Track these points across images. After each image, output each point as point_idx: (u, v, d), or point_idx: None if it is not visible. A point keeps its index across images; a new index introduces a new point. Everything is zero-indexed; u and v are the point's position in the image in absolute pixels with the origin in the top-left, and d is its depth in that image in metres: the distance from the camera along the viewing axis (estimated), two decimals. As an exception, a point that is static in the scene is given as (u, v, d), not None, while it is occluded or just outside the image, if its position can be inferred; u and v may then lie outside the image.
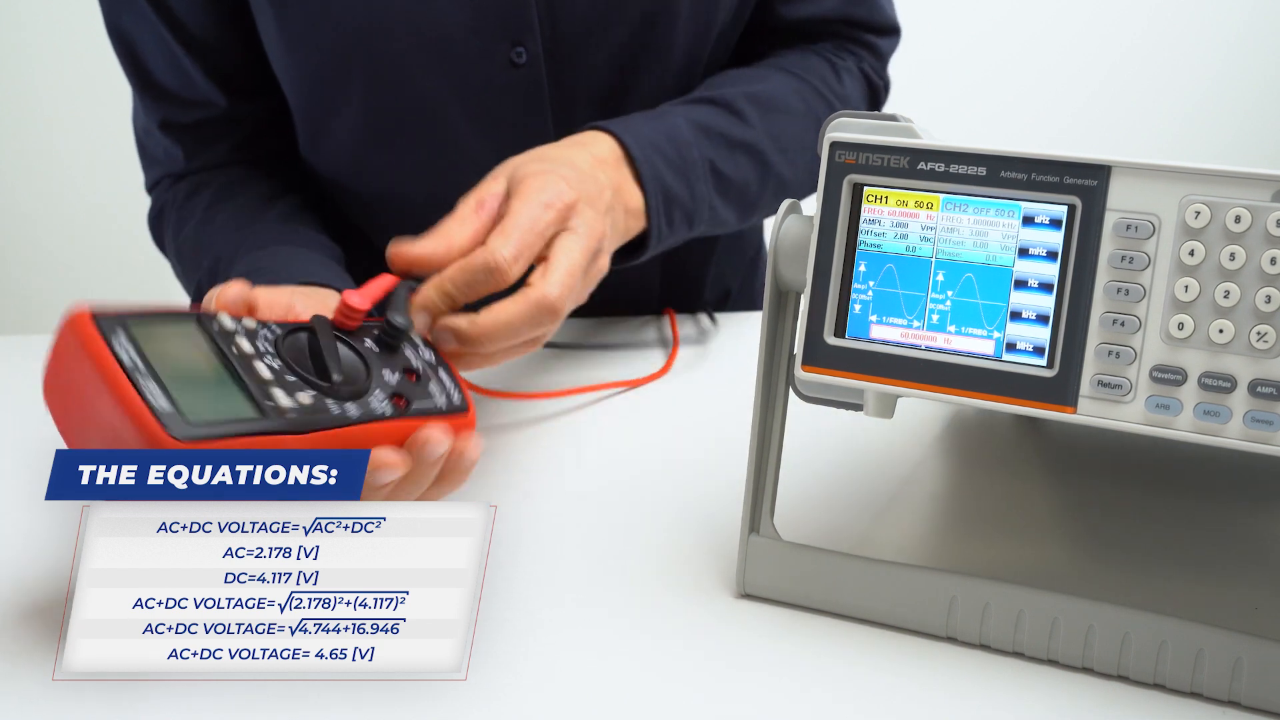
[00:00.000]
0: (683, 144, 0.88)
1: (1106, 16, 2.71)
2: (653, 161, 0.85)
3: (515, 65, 0.93)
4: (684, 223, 0.88)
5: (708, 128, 0.90)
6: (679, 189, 0.87)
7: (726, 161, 0.91)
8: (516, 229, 0.71)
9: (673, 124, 0.88)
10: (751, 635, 0.59)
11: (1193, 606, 0.59)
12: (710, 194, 0.89)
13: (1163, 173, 0.51)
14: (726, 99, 0.93)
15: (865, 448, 0.77)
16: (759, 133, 0.93)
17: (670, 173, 0.86)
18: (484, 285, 0.70)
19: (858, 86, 1.03)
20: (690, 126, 0.89)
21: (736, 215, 0.94)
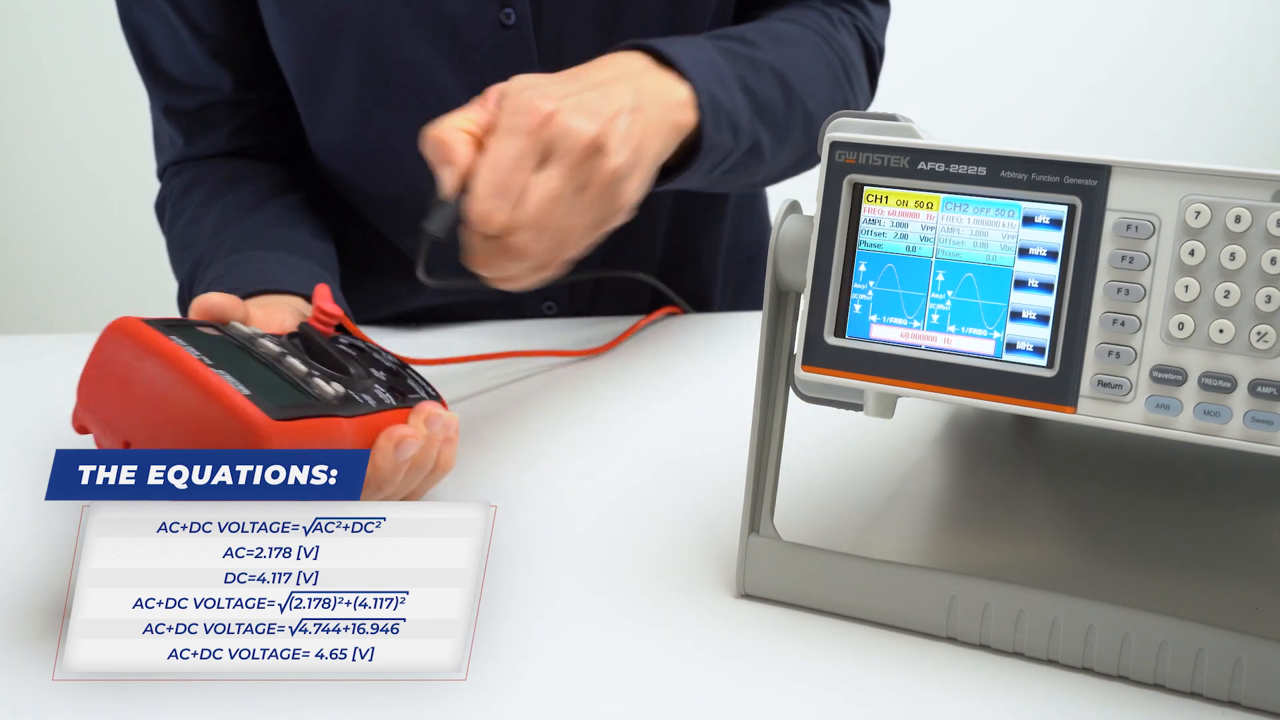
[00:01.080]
0: (709, 53, 0.85)
1: (1107, 17, 2.71)
2: (690, 56, 0.82)
3: (504, 26, 0.93)
4: (729, 129, 0.84)
5: (729, 51, 0.88)
6: (722, 95, 0.83)
7: (755, 80, 0.88)
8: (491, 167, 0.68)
9: (696, 42, 0.86)
10: (751, 635, 0.59)
11: (1193, 606, 0.59)
12: (748, 109, 0.86)
13: (1163, 173, 0.51)
14: (735, 32, 0.92)
15: (865, 448, 0.77)
16: (776, 59, 0.91)
17: (713, 78, 0.83)
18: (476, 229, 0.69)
19: (853, 40, 1.02)
20: (714, 46, 0.87)
21: (771, 142, 0.90)
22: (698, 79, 0.81)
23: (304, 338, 0.67)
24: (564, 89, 0.72)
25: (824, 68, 0.95)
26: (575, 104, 0.71)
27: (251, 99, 1.01)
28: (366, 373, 0.66)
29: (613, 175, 0.72)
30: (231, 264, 0.87)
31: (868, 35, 1.04)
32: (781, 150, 0.92)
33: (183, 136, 1.01)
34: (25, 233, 2.68)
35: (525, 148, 0.69)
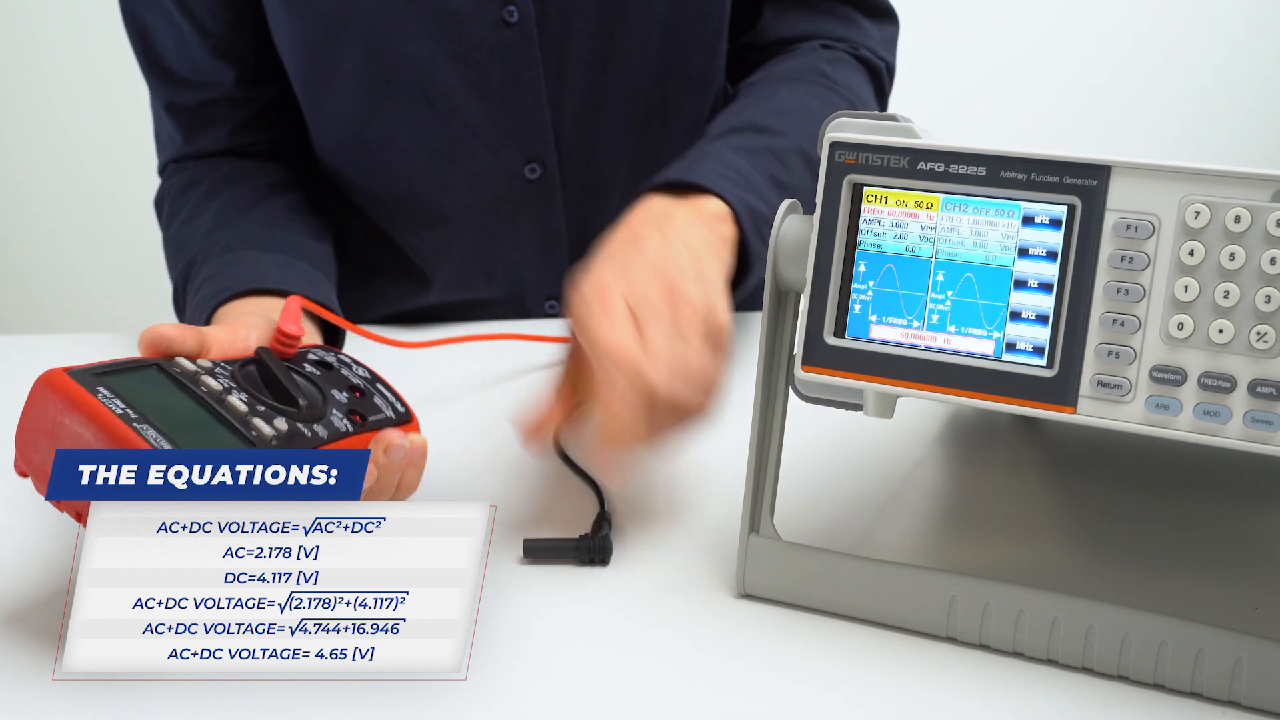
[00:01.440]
0: (739, 167, 0.84)
1: (1107, 17, 2.71)
2: (720, 184, 0.80)
3: (507, 24, 0.94)
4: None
5: (749, 149, 0.87)
6: (756, 203, 0.81)
7: (781, 171, 0.87)
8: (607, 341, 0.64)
9: (719, 156, 0.84)
10: (751, 635, 0.59)
11: (1193, 606, 0.59)
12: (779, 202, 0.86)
13: (1163, 173, 0.51)
14: (749, 122, 0.91)
15: (865, 448, 0.77)
16: (796, 137, 0.90)
17: (744, 191, 0.81)
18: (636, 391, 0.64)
19: (856, 73, 1.02)
20: (734, 154, 0.85)
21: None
22: (726, 194, 0.79)
23: (259, 364, 0.65)
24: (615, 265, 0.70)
25: None
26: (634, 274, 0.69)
27: (252, 96, 1.01)
28: (324, 397, 0.65)
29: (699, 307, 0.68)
30: (224, 263, 0.87)
31: (871, 58, 1.03)
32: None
33: (183, 133, 1.02)
34: (25, 233, 2.68)
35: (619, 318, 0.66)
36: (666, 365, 0.64)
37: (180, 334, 0.64)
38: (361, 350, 0.79)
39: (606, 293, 0.67)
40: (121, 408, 0.56)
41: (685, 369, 0.65)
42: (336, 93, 0.98)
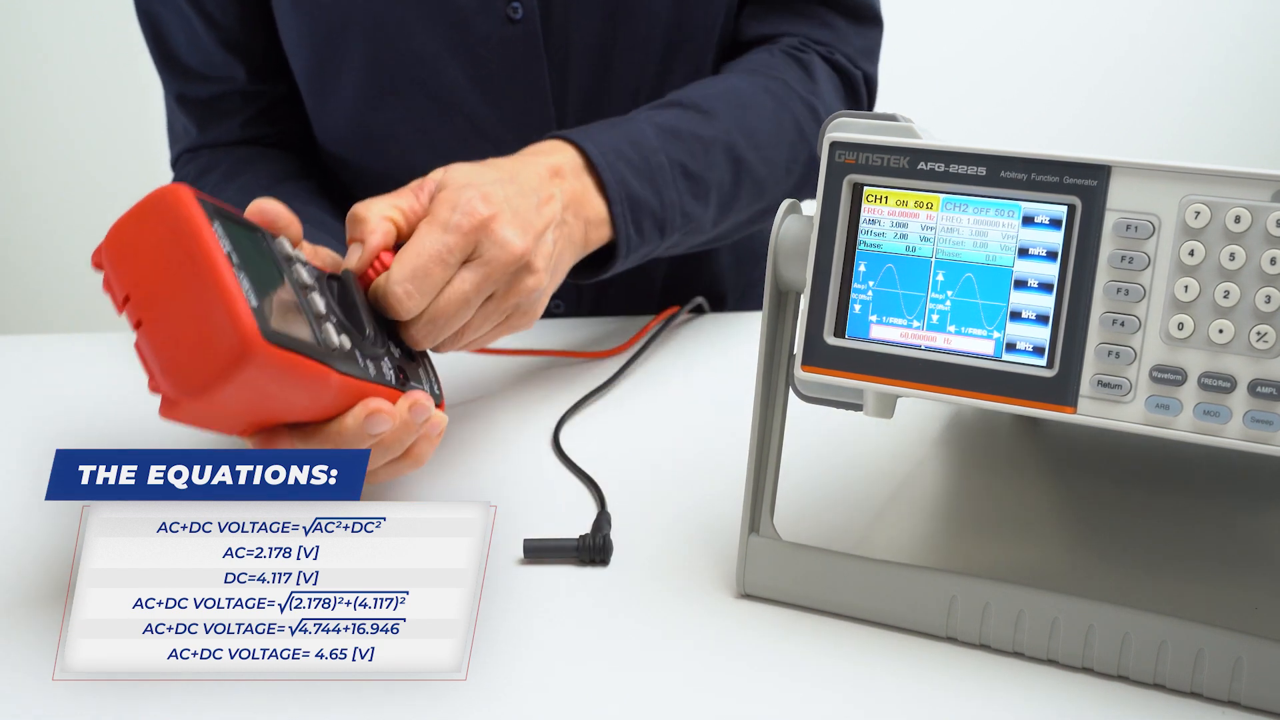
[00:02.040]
0: (649, 149, 0.86)
1: (1106, 16, 2.71)
2: (616, 168, 0.83)
3: (511, 21, 0.94)
4: (655, 230, 0.86)
5: (676, 130, 0.89)
6: (646, 195, 0.85)
7: (698, 161, 0.89)
8: (415, 254, 0.68)
9: (638, 129, 0.87)
10: (751, 635, 0.59)
11: (1193, 606, 0.59)
12: (682, 197, 0.88)
13: (1163, 173, 0.51)
14: (693, 100, 0.92)
15: (865, 448, 0.77)
16: (729, 129, 0.92)
17: (636, 179, 0.84)
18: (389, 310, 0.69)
19: (830, 82, 1.02)
20: (656, 131, 0.88)
21: (713, 218, 0.92)
22: (615, 195, 0.83)
23: (342, 284, 0.66)
24: (503, 191, 0.73)
25: (788, 128, 0.96)
26: (511, 212, 0.72)
27: (264, 90, 1.02)
28: (383, 344, 0.66)
29: (531, 291, 0.74)
30: None
31: (846, 65, 1.04)
32: (727, 220, 0.94)
33: (196, 125, 1.03)
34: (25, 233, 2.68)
35: (453, 245, 0.69)
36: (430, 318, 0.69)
37: (288, 216, 0.65)
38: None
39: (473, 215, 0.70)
40: (229, 249, 0.54)
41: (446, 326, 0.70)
42: (342, 88, 0.98)
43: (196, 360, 0.52)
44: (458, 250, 0.69)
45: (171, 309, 0.53)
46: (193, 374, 0.52)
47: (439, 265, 0.68)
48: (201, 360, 0.52)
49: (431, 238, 0.69)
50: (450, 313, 0.70)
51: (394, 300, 0.68)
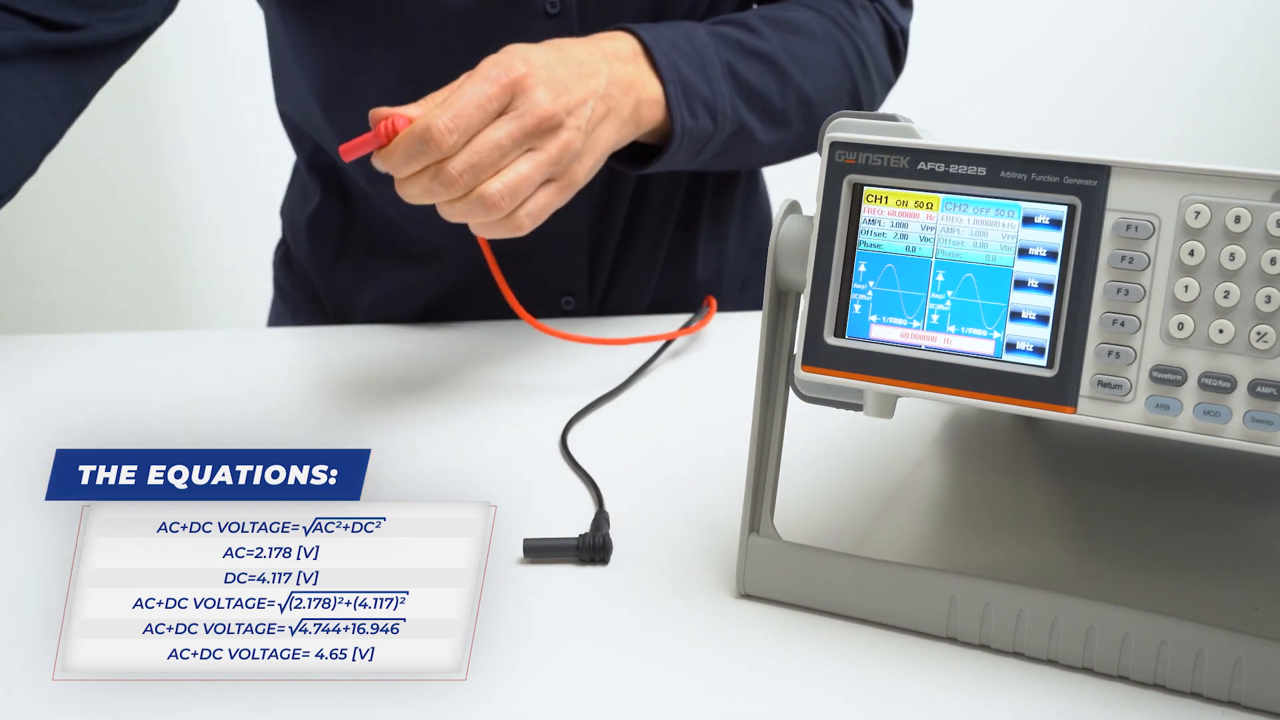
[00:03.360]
0: (700, 43, 0.90)
1: (1106, 16, 2.71)
2: (668, 53, 0.87)
3: (549, 15, 0.94)
4: (707, 115, 0.89)
5: (724, 36, 0.93)
6: (697, 81, 0.88)
7: (744, 66, 0.93)
8: (455, 99, 0.73)
9: (691, 29, 0.91)
10: (751, 635, 0.59)
11: (1193, 606, 0.59)
12: (731, 94, 0.91)
13: (1163, 173, 0.51)
14: (741, 18, 0.96)
15: (865, 448, 0.77)
16: (775, 45, 0.95)
17: (687, 65, 0.88)
18: (422, 154, 0.73)
19: (874, 25, 1.05)
20: (708, 33, 0.92)
21: (763, 126, 0.95)
22: (668, 70, 0.87)
23: None
24: (545, 57, 0.78)
25: (833, 55, 0.99)
26: (548, 75, 0.77)
27: None
28: None
29: (565, 149, 0.77)
30: None
31: (889, 20, 1.07)
32: (776, 133, 0.96)
33: None
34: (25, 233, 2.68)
35: (491, 94, 0.74)
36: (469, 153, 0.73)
37: None
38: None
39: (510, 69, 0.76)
40: None
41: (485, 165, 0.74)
42: (375, 81, 0.98)
43: None
44: (495, 99, 0.74)
45: None
46: None
47: (476, 109, 0.73)
48: None
49: (471, 85, 0.74)
50: (485, 152, 0.74)
51: (435, 134, 0.72)
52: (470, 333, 1.00)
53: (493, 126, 0.74)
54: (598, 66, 0.82)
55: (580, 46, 0.83)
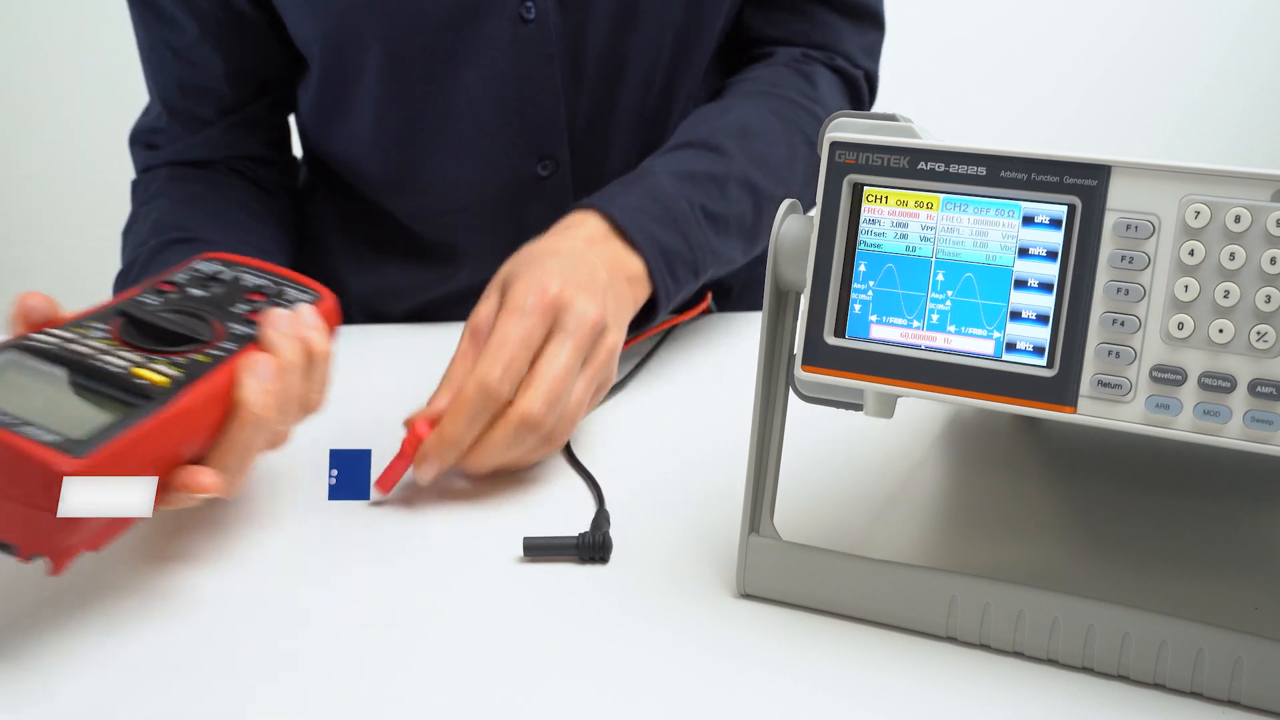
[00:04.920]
0: (668, 199, 0.88)
1: (1106, 16, 2.71)
2: (643, 225, 0.85)
3: (525, 20, 0.94)
4: (689, 274, 0.88)
5: (691, 174, 0.90)
6: (675, 243, 0.87)
7: (718, 201, 0.91)
8: (499, 345, 0.71)
9: (655, 183, 0.89)
10: (751, 635, 0.59)
11: (1193, 606, 0.59)
12: (708, 237, 0.89)
13: (1163, 173, 0.51)
14: (702, 138, 0.94)
15: (865, 448, 0.77)
16: (743, 162, 0.93)
17: (663, 230, 0.86)
18: (485, 413, 0.70)
19: (833, 88, 1.04)
20: (672, 179, 0.89)
21: (741, 248, 0.94)
22: (646, 247, 0.84)
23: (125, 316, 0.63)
24: (559, 264, 0.76)
25: (798, 144, 0.98)
26: (576, 283, 0.75)
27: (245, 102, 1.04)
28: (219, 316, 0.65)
29: (612, 351, 0.76)
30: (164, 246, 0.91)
31: (848, 69, 1.06)
32: (753, 247, 0.96)
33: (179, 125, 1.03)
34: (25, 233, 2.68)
35: (533, 326, 0.72)
36: (546, 392, 0.71)
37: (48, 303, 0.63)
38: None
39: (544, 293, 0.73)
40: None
41: (560, 398, 0.71)
42: (360, 93, 0.98)
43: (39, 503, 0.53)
44: (538, 330, 0.72)
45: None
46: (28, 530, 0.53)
47: (523, 348, 0.71)
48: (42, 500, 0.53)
49: (511, 324, 0.72)
50: (560, 385, 0.71)
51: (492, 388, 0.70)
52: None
53: (550, 355, 0.72)
54: (591, 257, 0.80)
55: (566, 241, 0.81)
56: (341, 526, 0.69)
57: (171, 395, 0.58)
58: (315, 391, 0.68)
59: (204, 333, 0.63)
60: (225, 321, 0.65)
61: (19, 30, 2.56)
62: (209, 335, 0.63)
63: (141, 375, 0.58)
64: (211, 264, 0.71)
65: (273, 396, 0.62)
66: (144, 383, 0.58)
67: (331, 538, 0.68)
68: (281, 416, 0.64)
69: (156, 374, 0.59)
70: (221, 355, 0.62)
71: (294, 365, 0.64)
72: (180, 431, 0.58)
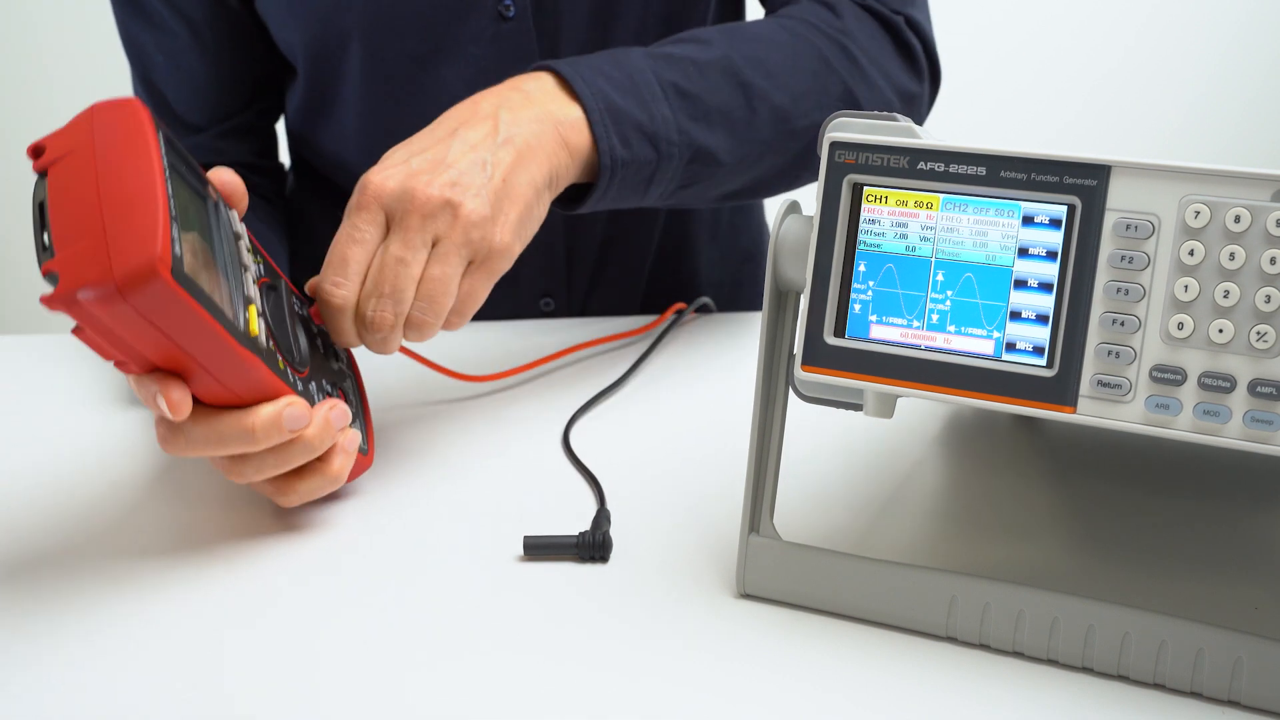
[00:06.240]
0: (632, 67, 0.82)
1: (1107, 16, 2.71)
2: (590, 80, 0.79)
3: (504, 18, 0.94)
4: (645, 142, 0.81)
5: (667, 55, 0.84)
6: (628, 105, 0.80)
7: (694, 82, 0.83)
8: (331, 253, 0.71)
9: (621, 54, 0.83)
10: (751, 635, 0.59)
11: (1193, 606, 0.59)
12: (677, 115, 0.82)
13: (1163, 173, 0.51)
14: (690, 34, 0.88)
15: (865, 448, 0.77)
16: (729, 53, 0.86)
17: (615, 90, 0.80)
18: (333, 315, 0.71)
19: (861, 22, 0.93)
20: (644, 55, 0.84)
21: (728, 145, 0.85)
22: (589, 97, 0.79)
23: (274, 291, 0.66)
24: (403, 152, 0.74)
25: (807, 58, 0.89)
26: (403, 170, 0.72)
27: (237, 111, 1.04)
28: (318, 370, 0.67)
29: (467, 222, 0.71)
30: None
31: (881, 11, 0.95)
32: (747, 151, 0.86)
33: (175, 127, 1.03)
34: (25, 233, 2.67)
35: (355, 225, 0.71)
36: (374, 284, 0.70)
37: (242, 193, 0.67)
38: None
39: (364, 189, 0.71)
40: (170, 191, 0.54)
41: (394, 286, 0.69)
42: (343, 95, 0.98)
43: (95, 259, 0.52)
44: (362, 226, 0.71)
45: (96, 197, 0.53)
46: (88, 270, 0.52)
47: (351, 245, 0.70)
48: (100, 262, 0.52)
49: (339, 234, 0.71)
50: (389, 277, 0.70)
51: (325, 294, 0.70)
52: (471, 331, 1.00)
53: (382, 249, 0.70)
54: (477, 124, 0.75)
55: (465, 107, 0.77)
56: (341, 526, 0.69)
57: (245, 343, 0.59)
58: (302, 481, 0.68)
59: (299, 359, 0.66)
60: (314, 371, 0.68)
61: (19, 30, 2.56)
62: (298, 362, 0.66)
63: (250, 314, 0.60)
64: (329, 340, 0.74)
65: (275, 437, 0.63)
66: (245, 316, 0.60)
67: (331, 538, 0.68)
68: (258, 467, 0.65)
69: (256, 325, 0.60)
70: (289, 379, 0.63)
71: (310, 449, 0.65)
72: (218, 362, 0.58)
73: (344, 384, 0.72)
